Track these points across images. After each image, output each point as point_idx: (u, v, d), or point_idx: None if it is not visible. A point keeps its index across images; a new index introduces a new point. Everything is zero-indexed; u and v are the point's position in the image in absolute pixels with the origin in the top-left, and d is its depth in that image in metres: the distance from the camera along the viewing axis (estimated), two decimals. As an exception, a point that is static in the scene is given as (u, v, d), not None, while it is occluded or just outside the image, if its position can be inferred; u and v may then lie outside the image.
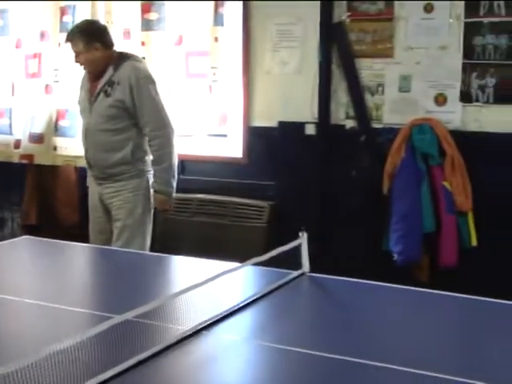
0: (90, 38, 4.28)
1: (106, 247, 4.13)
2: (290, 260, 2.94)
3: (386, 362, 2.08)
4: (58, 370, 1.98)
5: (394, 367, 2.06)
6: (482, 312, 2.64)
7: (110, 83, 4.25)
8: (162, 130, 4.26)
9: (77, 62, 4.42)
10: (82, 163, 5.43)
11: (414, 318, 2.56)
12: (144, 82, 4.23)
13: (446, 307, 2.74)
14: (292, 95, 4.99)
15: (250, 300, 2.62)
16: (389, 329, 2.46)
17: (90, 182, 4.53)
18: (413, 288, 2.86)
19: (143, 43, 5.10)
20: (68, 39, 4.40)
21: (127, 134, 4.28)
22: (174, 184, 4.37)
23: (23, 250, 3.64)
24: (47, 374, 1.96)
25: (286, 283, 2.84)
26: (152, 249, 4.40)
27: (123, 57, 4.36)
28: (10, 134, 5.92)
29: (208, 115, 5.12)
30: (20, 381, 1.82)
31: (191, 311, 2.45)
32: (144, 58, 4.53)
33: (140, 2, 5.17)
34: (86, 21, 4.77)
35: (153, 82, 4.30)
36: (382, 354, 2.16)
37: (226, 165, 5.24)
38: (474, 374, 2.01)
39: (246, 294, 2.74)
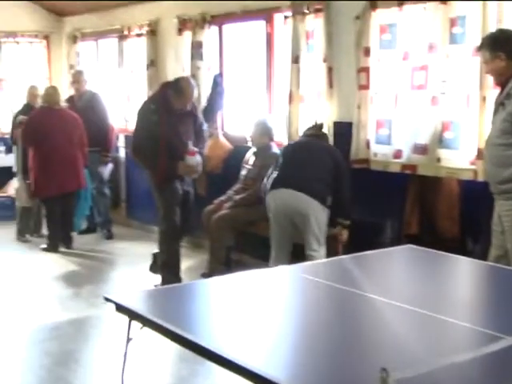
0: (495, 47, 4.19)
1: (490, 264, 3.91)
2: None
3: None
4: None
5: None
6: None
7: (508, 96, 4.13)
8: None
9: (485, 72, 4.39)
10: (466, 176, 5.36)
11: None
12: None
13: None
14: None
15: None
16: None
17: None
18: None
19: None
20: (478, 48, 4.40)
21: None
22: None
23: (406, 258, 3.71)
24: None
25: None
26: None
27: None
28: (389, 144, 6.03)
29: None
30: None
31: None
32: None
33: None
34: (498, 29, 4.65)
35: None
36: None
37: None
38: None
39: None
